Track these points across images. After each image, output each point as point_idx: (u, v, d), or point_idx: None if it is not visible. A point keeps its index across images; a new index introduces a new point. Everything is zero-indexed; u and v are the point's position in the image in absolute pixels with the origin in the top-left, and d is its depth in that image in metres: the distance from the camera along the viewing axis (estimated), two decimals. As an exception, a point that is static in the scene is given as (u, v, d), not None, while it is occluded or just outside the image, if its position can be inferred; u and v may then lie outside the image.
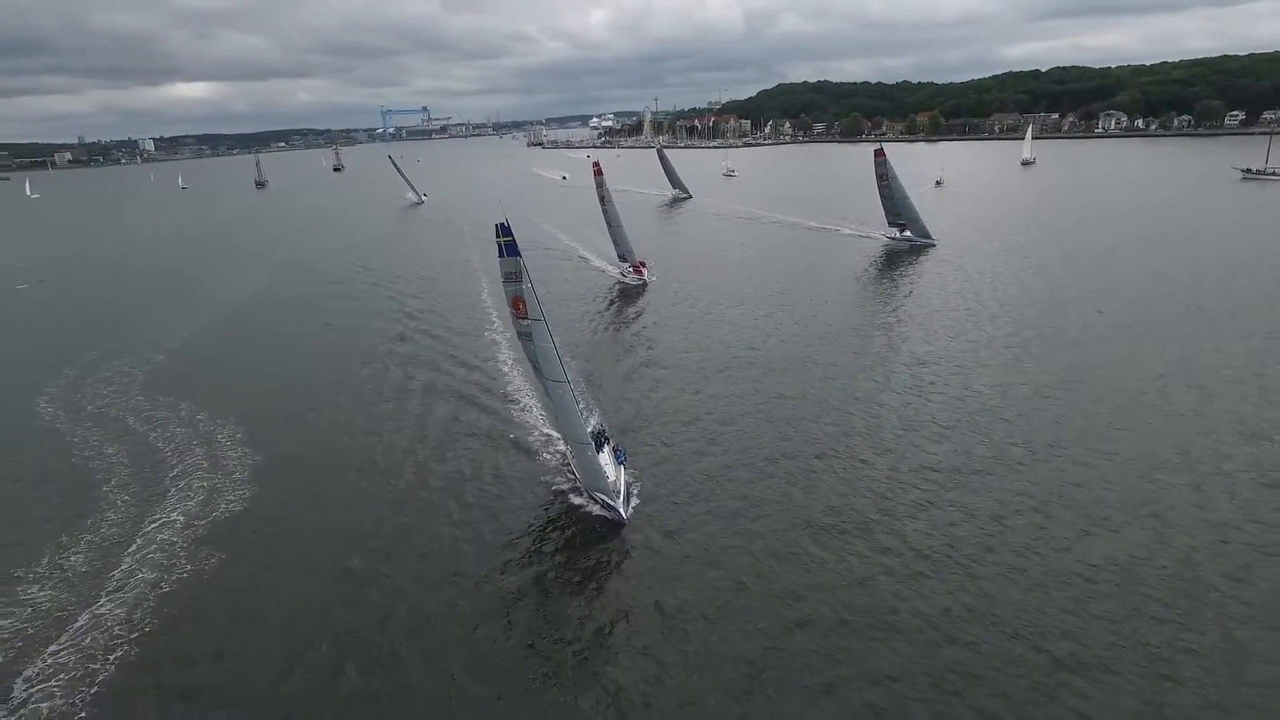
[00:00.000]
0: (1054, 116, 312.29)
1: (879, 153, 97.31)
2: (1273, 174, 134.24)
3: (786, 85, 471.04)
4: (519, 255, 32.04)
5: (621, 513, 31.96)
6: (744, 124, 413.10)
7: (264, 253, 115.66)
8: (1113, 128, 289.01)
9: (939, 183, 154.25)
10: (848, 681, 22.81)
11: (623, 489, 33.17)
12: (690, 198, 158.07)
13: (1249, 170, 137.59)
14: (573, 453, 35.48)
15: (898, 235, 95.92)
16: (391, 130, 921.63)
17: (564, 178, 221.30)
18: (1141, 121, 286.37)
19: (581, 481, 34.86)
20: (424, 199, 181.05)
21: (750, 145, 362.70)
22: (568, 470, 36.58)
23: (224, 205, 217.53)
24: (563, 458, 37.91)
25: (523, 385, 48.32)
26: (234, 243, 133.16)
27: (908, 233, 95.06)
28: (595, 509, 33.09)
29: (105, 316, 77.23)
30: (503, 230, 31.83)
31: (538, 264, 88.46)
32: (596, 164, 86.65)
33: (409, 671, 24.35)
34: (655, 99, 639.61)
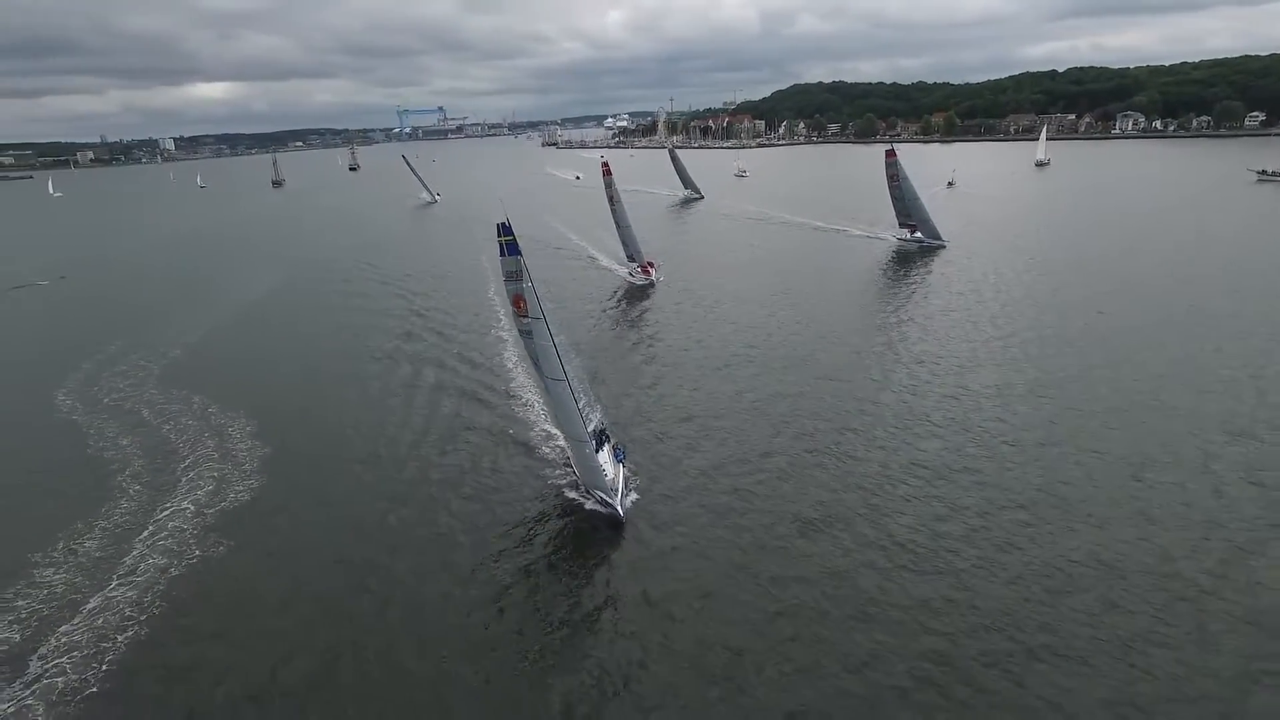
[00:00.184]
0: (1070, 117, 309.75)
1: (890, 153, 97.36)
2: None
3: (801, 86, 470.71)
4: (520, 254, 32.69)
5: (619, 510, 32.30)
6: (758, 124, 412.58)
7: (279, 251, 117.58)
8: (1130, 129, 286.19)
9: (951, 183, 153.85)
10: (821, 667, 23.51)
11: (621, 487, 33.54)
12: (702, 198, 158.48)
13: (1265, 172, 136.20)
14: (571, 450, 36.13)
15: (908, 236, 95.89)
16: (408, 130, 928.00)
17: (577, 178, 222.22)
18: (1160, 122, 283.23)
19: (580, 478, 35.34)
20: (437, 198, 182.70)
21: (764, 146, 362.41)
22: (568, 467, 37.21)
23: (241, 204, 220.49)
24: (564, 455, 38.51)
25: (526, 382, 49.16)
26: (250, 241, 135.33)
27: (918, 234, 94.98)
28: (593, 506, 33.60)
29: (123, 313, 79.06)
30: (504, 229, 32.46)
31: (548, 263, 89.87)
32: (605, 164, 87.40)
33: (403, 655, 25.28)
34: (671, 99, 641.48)
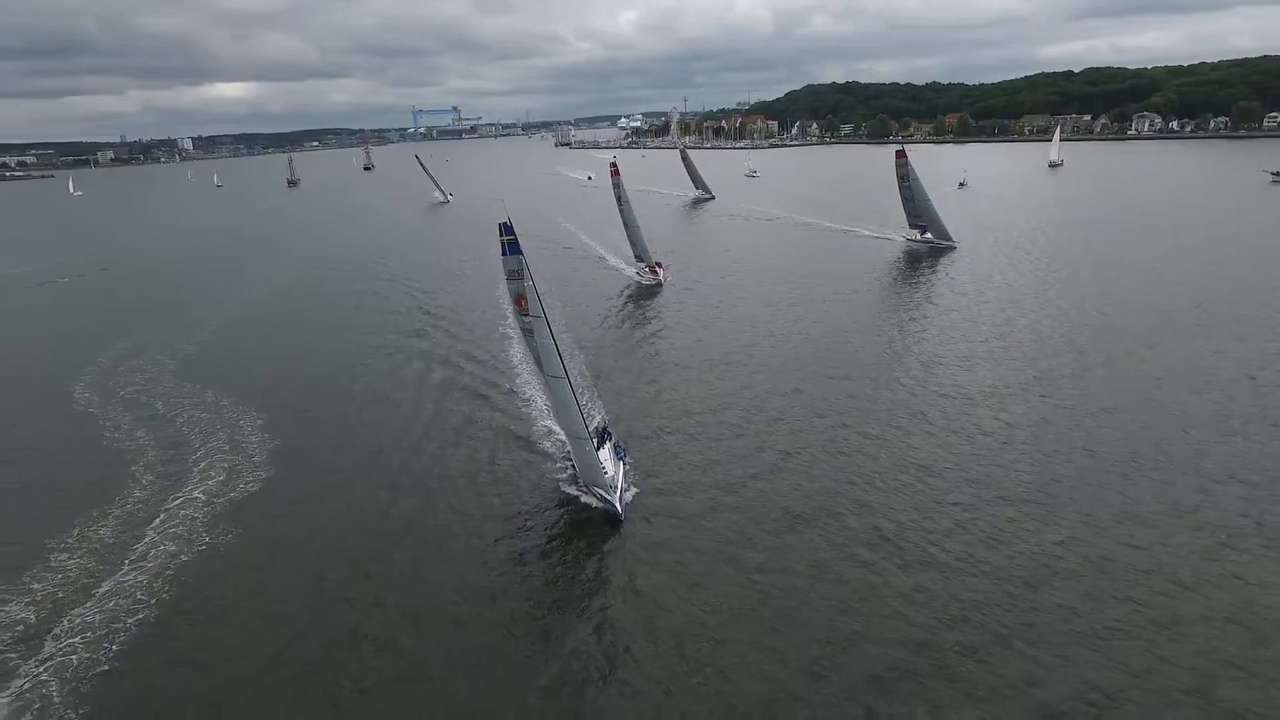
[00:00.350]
0: (1086, 118, 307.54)
1: (900, 154, 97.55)
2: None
3: (814, 86, 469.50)
4: (521, 254, 33.42)
5: (617, 508, 32.64)
6: (771, 125, 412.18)
7: (292, 250, 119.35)
8: (1146, 130, 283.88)
9: (962, 184, 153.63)
10: (801, 655, 24.21)
11: (620, 484, 33.93)
12: (713, 198, 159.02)
13: (1278, 174, 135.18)
14: (572, 447, 36.50)
15: (918, 237, 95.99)
16: (422, 130, 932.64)
17: (589, 178, 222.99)
18: (1176, 123, 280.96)
19: (580, 475, 35.76)
20: (449, 198, 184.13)
21: (776, 146, 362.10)
22: (569, 463, 37.72)
23: (256, 203, 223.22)
24: (565, 451, 38.93)
25: (530, 379, 49.98)
26: (264, 240, 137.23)
27: (928, 234, 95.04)
28: (593, 502, 34.05)
29: (140, 309, 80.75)
30: (505, 229, 33.15)
31: (557, 262, 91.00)
32: (613, 165, 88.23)
33: (401, 641, 26.19)
34: (684, 99, 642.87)
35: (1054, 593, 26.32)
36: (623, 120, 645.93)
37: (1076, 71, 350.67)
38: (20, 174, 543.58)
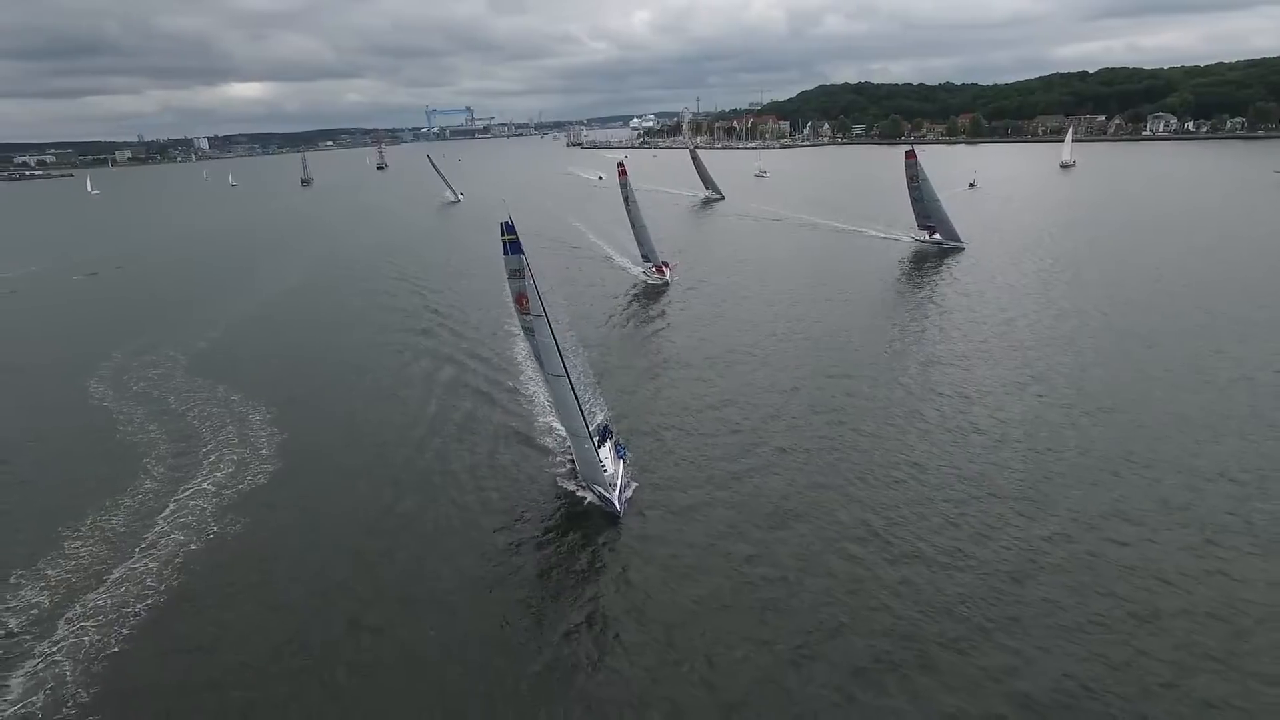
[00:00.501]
0: (1100, 119, 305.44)
1: (910, 154, 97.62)
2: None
3: (826, 86, 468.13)
4: (522, 253, 34.06)
5: (616, 506, 32.98)
6: (783, 125, 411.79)
7: (304, 248, 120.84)
8: (1161, 130, 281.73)
9: (973, 185, 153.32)
10: (785, 643, 24.82)
11: (620, 483, 34.28)
12: (722, 199, 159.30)
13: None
14: (572, 444, 36.84)
15: (927, 238, 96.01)
16: (436, 130, 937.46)
17: (600, 178, 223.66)
18: (1192, 124, 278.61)
19: (580, 473, 36.18)
20: (461, 198, 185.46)
21: (788, 147, 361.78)
22: (570, 461, 38.21)
23: (270, 202, 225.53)
24: (566, 448, 39.31)
25: (534, 376, 50.69)
26: (277, 238, 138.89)
27: (936, 235, 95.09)
28: (591, 500, 34.46)
29: (154, 306, 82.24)
30: (506, 228, 33.84)
31: (564, 261, 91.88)
32: (621, 165, 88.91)
33: (397, 628, 27.01)
34: (697, 99, 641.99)
35: (1038, 587, 26.75)
36: (635, 120, 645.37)
37: (1091, 72, 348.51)
38: (40, 173, 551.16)
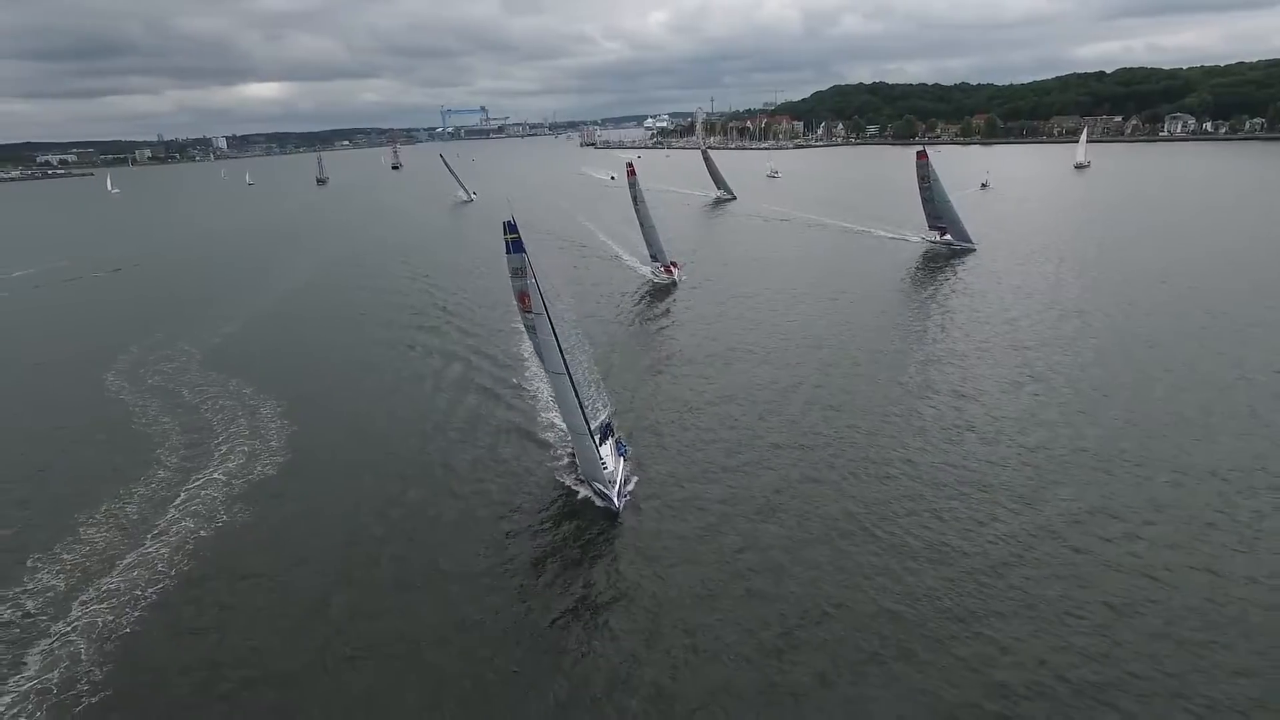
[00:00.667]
0: (1117, 119, 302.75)
1: (921, 154, 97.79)
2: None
3: (840, 87, 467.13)
4: (524, 252, 34.73)
5: (615, 502, 33.31)
6: (796, 125, 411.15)
7: (317, 247, 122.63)
8: (1179, 131, 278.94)
9: (985, 185, 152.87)
10: (768, 627, 25.56)
11: (620, 480, 34.80)
12: (734, 199, 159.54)
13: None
14: (574, 441, 37.27)
15: (937, 238, 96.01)
16: (451, 130, 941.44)
17: (612, 178, 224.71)
18: (1210, 125, 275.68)
19: (580, 469, 36.75)
20: (473, 197, 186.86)
21: (801, 147, 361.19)
22: (571, 457, 38.81)
23: (286, 201, 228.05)
24: (568, 445, 39.78)
25: (539, 374, 51.45)
26: (291, 236, 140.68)
27: (947, 236, 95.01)
28: (592, 497, 34.96)
29: (170, 303, 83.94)
30: (509, 228, 34.53)
31: (573, 261, 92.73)
32: (630, 166, 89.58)
33: (394, 615, 28.02)
34: (711, 99, 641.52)
35: (1020, 580, 27.28)
36: (649, 120, 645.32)
37: (1109, 72, 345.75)
38: (62, 172, 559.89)
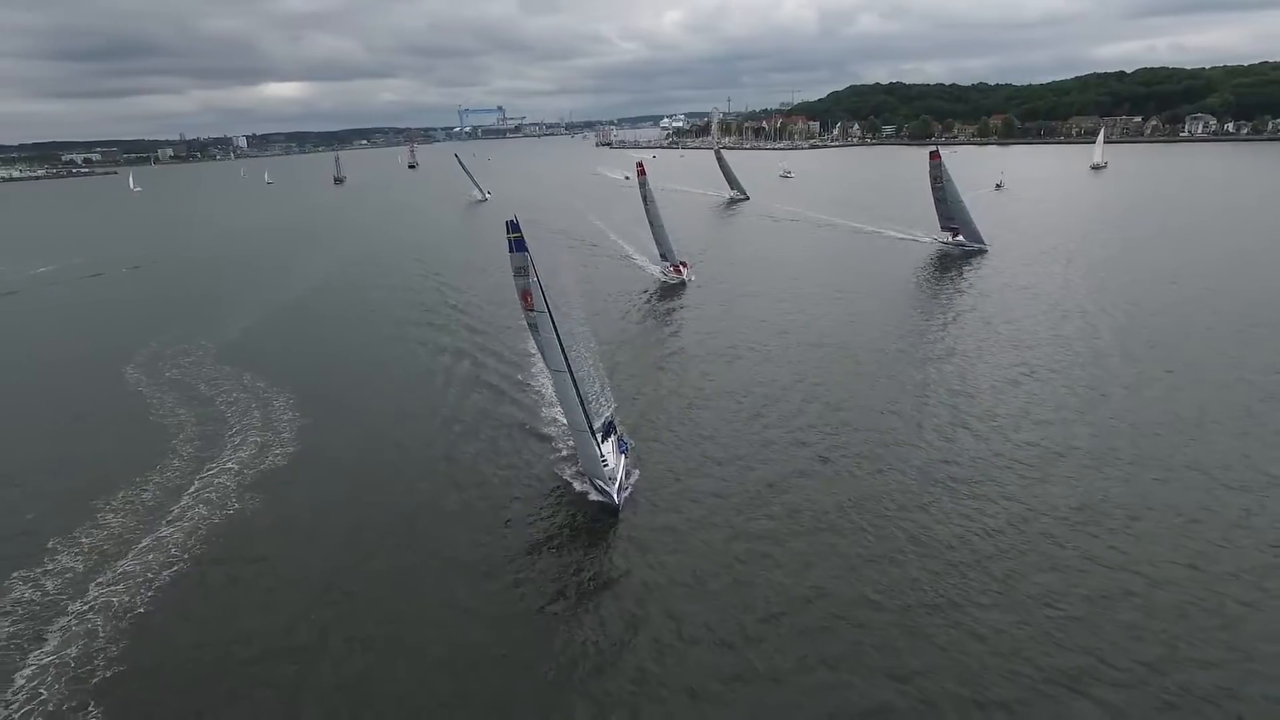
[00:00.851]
0: (1136, 120, 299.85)
1: (934, 155, 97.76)
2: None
3: (857, 87, 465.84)
4: (527, 251, 35.38)
5: (615, 499, 33.61)
6: (812, 126, 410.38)
7: (333, 245, 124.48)
8: (1199, 131, 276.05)
9: (999, 186, 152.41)
10: (753, 610, 26.25)
11: (620, 477, 35.27)
12: (747, 199, 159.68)
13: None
14: (575, 438, 37.62)
15: (950, 239, 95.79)
16: (468, 129, 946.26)
17: (626, 178, 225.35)
18: (1232, 125, 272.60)
19: (582, 466, 37.29)
20: (488, 196, 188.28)
21: (817, 147, 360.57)
22: (573, 453, 39.23)
23: (303, 200, 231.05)
24: (570, 442, 40.10)
25: (543, 370, 52.31)
26: (308, 235, 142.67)
27: (960, 237, 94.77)
28: (590, 491, 35.54)
29: (188, 299, 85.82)
30: (511, 227, 35.16)
31: (583, 259, 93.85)
32: (640, 165, 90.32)
33: (395, 602, 29.04)
34: (728, 99, 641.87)
35: (1003, 573, 27.77)
36: (665, 120, 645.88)
37: (1129, 72, 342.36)
38: (86, 170, 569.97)
